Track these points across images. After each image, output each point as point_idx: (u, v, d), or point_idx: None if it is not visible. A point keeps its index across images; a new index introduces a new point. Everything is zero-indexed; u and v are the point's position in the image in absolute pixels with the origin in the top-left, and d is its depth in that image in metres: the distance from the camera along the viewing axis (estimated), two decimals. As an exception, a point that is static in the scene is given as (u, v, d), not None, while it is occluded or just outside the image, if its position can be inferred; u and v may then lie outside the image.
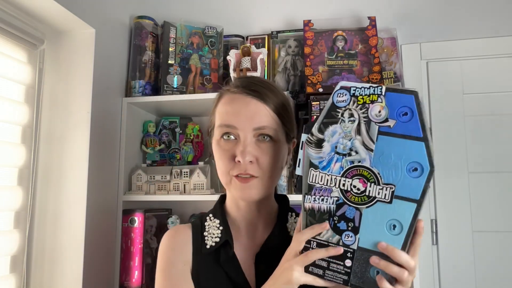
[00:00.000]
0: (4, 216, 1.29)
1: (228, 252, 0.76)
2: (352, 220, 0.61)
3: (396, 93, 0.61)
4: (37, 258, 1.38)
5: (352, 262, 0.61)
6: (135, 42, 1.72)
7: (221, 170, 0.75)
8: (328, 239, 0.63)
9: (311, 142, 0.65)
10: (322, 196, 0.63)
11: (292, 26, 1.81)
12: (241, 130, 0.72)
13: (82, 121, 1.42)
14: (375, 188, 0.60)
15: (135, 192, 1.61)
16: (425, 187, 0.58)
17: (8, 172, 1.32)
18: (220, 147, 0.75)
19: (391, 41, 1.68)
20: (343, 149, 0.63)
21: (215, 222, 0.80)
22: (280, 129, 0.76)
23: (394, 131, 0.60)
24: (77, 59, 1.46)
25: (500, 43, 1.66)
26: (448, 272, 1.59)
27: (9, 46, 1.32)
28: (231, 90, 0.77)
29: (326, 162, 0.64)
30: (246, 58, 1.61)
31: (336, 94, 0.64)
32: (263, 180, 0.73)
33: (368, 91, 0.62)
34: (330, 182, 0.63)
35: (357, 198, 0.61)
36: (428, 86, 1.70)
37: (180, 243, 0.79)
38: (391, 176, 0.59)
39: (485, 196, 1.61)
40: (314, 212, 0.64)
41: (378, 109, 0.61)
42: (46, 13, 1.34)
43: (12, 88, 1.33)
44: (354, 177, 0.62)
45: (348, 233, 0.61)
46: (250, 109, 0.73)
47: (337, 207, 0.62)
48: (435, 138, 1.67)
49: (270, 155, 0.73)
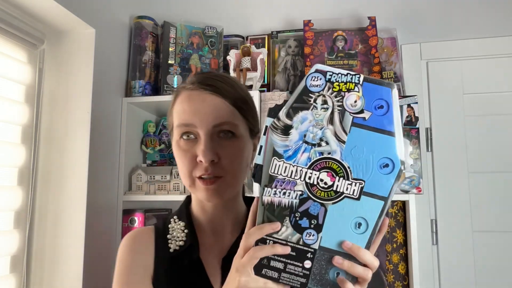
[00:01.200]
0: (4, 216, 1.29)
1: (194, 256, 0.72)
2: (315, 217, 0.56)
3: (374, 84, 0.57)
4: (37, 258, 1.37)
5: (312, 263, 0.56)
6: (135, 42, 1.72)
7: (182, 172, 0.70)
8: (287, 237, 0.56)
9: (276, 128, 0.58)
10: (284, 189, 0.57)
11: (292, 26, 1.81)
12: (201, 128, 0.68)
13: (82, 121, 1.42)
14: (344, 183, 0.56)
15: (135, 192, 1.61)
16: (394, 185, 0.55)
17: (8, 172, 1.32)
18: (180, 147, 0.70)
19: (391, 41, 1.68)
20: (312, 138, 0.57)
21: (180, 224, 0.75)
22: (242, 124, 0.72)
23: (369, 123, 0.56)
24: (77, 59, 1.46)
25: (500, 43, 1.66)
26: (448, 272, 1.59)
27: (9, 46, 1.32)
28: (187, 87, 0.72)
29: (292, 151, 0.57)
30: (246, 58, 1.61)
31: (310, 77, 0.58)
32: (227, 180, 0.69)
33: (345, 78, 0.57)
34: (294, 174, 0.57)
35: (323, 193, 0.56)
36: (428, 86, 1.71)
37: (140, 247, 0.74)
38: (362, 171, 0.56)
39: (485, 196, 1.61)
40: (273, 207, 0.57)
41: (354, 99, 0.57)
42: (46, 13, 1.34)
43: (12, 88, 1.33)
44: (321, 170, 0.56)
45: (310, 231, 0.56)
46: (208, 105, 0.69)
47: (300, 202, 0.56)
48: (435, 138, 1.67)
49: (234, 153, 0.69)
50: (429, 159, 1.66)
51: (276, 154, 0.57)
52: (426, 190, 1.63)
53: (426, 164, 1.64)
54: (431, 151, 1.66)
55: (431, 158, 1.66)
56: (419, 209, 1.59)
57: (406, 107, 1.47)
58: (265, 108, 1.59)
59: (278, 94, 1.60)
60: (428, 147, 1.66)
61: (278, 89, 1.69)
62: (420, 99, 1.64)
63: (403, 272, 1.45)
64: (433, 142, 1.67)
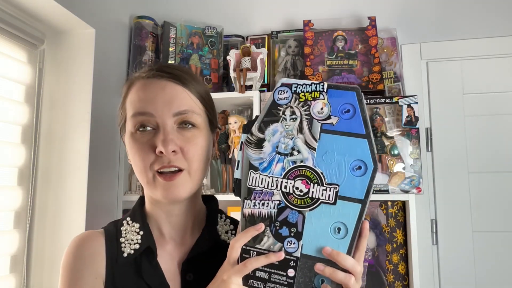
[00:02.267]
0: (4, 216, 1.29)
1: (151, 260, 0.66)
2: (294, 225, 0.57)
3: (338, 90, 0.59)
4: (37, 258, 1.37)
5: (295, 271, 0.56)
6: (135, 42, 1.72)
7: (139, 167, 0.64)
8: (269, 247, 0.57)
9: (250, 143, 0.60)
10: (263, 200, 0.58)
11: (292, 26, 1.81)
12: (159, 117, 0.63)
13: (82, 121, 1.42)
14: (319, 189, 0.57)
15: (135, 192, 1.61)
16: (369, 186, 0.56)
17: (8, 172, 1.32)
18: (136, 140, 0.64)
19: (391, 41, 1.68)
20: (284, 148, 0.59)
21: (134, 226, 0.69)
22: (203, 115, 0.68)
23: (337, 128, 0.58)
24: (77, 59, 1.46)
25: (500, 43, 1.66)
26: (448, 272, 1.59)
27: (9, 46, 1.32)
28: (142, 76, 0.67)
29: (267, 163, 0.59)
30: (246, 58, 1.61)
31: (277, 92, 0.61)
32: (190, 173, 0.64)
33: (310, 88, 0.60)
34: (271, 185, 0.59)
35: (299, 201, 0.57)
36: (428, 86, 1.70)
37: (90, 252, 0.66)
38: (335, 175, 0.57)
39: (485, 196, 1.61)
40: (253, 218, 0.58)
41: (320, 106, 0.59)
42: (46, 13, 1.34)
43: (12, 88, 1.33)
44: (296, 178, 0.58)
45: (291, 240, 0.57)
46: (168, 93, 0.64)
47: (279, 211, 0.58)
48: (435, 138, 1.67)
49: (195, 144, 0.65)
50: (429, 159, 1.66)
51: (252, 167, 0.60)
52: (426, 190, 1.63)
53: (426, 164, 1.64)
54: (431, 151, 1.66)
55: (431, 158, 1.66)
56: (419, 209, 1.59)
57: (406, 107, 1.47)
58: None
59: (278, 94, 1.60)
60: (428, 147, 1.66)
61: (278, 89, 1.68)
62: (420, 99, 1.64)
63: (403, 272, 1.45)
64: (433, 142, 1.67)
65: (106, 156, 1.53)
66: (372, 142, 0.57)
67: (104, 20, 1.55)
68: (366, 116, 0.57)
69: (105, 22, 1.55)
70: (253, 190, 0.59)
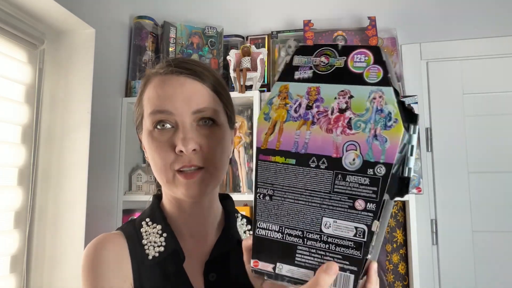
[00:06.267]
0: (4, 216, 1.29)
1: (177, 264, 0.64)
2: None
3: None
4: (37, 258, 1.37)
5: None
6: (135, 42, 1.72)
7: (158, 166, 0.62)
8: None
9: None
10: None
11: (292, 26, 1.81)
12: (179, 116, 0.61)
13: (82, 121, 1.42)
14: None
15: (135, 192, 1.61)
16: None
17: (8, 172, 1.32)
18: (155, 138, 0.62)
19: (391, 41, 1.68)
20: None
21: (156, 228, 0.66)
22: (222, 111, 0.65)
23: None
24: (77, 59, 1.46)
25: (500, 43, 1.66)
26: (448, 272, 1.59)
27: (9, 46, 1.32)
28: (159, 72, 0.64)
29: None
30: (246, 58, 1.61)
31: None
32: (210, 172, 0.62)
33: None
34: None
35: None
36: (428, 86, 1.70)
37: (114, 255, 0.63)
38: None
39: (485, 196, 1.61)
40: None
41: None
42: (46, 13, 1.34)
43: (12, 88, 1.33)
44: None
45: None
46: (186, 90, 0.62)
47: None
48: (435, 138, 1.67)
49: (215, 141, 0.63)
50: (429, 159, 1.66)
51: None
52: (426, 190, 1.63)
53: (426, 164, 1.64)
54: (431, 151, 1.66)
55: (431, 158, 1.66)
56: (419, 209, 1.59)
57: (406, 107, 1.47)
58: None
59: (278, 94, 1.60)
60: (428, 147, 1.66)
61: (278, 89, 1.68)
62: (420, 99, 1.64)
63: (403, 272, 1.45)
64: (433, 142, 1.67)
65: (106, 156, 1.53)
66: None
67: (104, 20, 1.55)
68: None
69: (105, 22, 1.55)
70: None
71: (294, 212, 0.47)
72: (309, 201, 0.46)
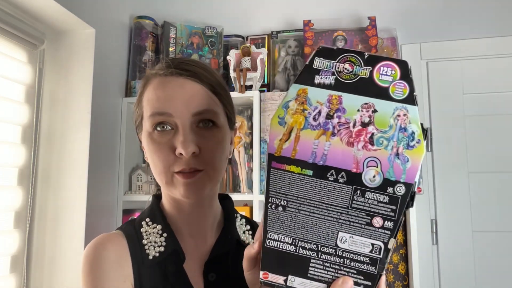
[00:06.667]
0: (4, 216, 1.29)
1: (177, 264, 0.64)
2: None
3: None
4: (37, 258, 1.37)
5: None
6: (135, 42, 1.72)
7: (158, 168, 0.62)
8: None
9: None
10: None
11: (292, 26, 1.82)
12: (178, 118, 0.61)
13: (82, 121, 1.42)
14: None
15: (135, 192, 1.61)
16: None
17: (8, 172, 1.32)
18: (154, 140, 0.62)
19: (391, 41, 1.68)
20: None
21: (156, 228, 0.66)
22: (222, 112, 0.65)
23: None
24: (77, 59, 1.46)
25: (500, 43, 1.66)
26: (448, 272, 1.59)
27: (9, 46, 1.32)
28: (159, 73, 0.64)
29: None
30: (246, 58, 1.61)
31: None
32: (209, 174, 0.62)
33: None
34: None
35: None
36: (428, 86, 1.70)
37: (115, 255, 0.63)
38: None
39: (485, 196, 1.61)
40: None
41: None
42: (46, 13, 1.34)
43: (12, 88, 1.33)
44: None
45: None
46: (186, 92, 0.62)
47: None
48: (435, 138, 1.67)
49: (215, 144, 0.63)
50: (429, 159, 1.66)
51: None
52: (426, 190, 1.63)
53: (426, 164, 1.64)
54: (431, 151, 1.66)
55: (431, 158, 1.66)
56: (419, 209, 1.59)
57: (406, 107, 1.47)
58: (265, 108, 1.59)
59: (278, 94, 1.60)
60: (428, 147, 1.66)
61: (278, 89, 1.69)
62: (420, 99, 1.64)
63: (403, 272, 1.45)
64: (433, 142, 1.67)
65: (106, 156, 1.53)
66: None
67: (104, 20, 1.55)
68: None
69: (105, 22, 1.55)
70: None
71: (309, 225, 0.46)
72: (325, 215, 0.45)
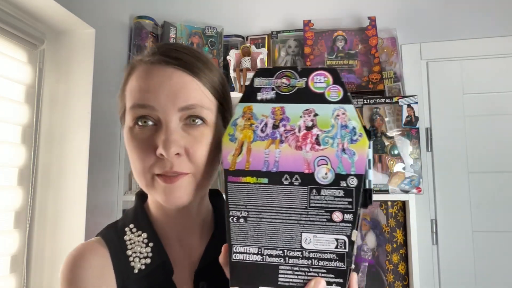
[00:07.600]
0: (4, 216, 1.29)
1: (166, 275, 0.58)
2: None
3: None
4: (37, 258, 1.38)
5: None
6: (135, 42, 1.72)
7: (137, 169, 0.54)
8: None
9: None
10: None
11: (292, 26, 1.81)
12: (162, 112, 0.53)
13: (82, 121, 1.42)
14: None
15: (135, 192, 1.60)
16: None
17: (8, 172, 1.32)
18: (135, 136, 0.54)
19: (391, 41, 1.68)
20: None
21: (141, 236, 0.59)
22: (215, 110, 0.57)
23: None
24: (77, 59, 1.46)
25: (500, 43, 1.66)
26: (448, 272, 1.59)
27: (9, 46, 1.32)
28: (145, 60, 0.56)
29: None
30: (246, 58, 1.61)
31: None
32: (196, 178, 0.54)
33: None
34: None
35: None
36: (428, 86, 1.70)
37: (96, 266, 0.56)
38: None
39: (485, 196, 1.61)
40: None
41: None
42: (46, 13, 1.34)
43: (12, 88, 1.33)
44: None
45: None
46: (173, 83, 0.53)
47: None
48: (435, 138, 1.67)
49: (204, 144, 0.54)
50: (429, 159, 1.66)
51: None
52: (426, 190, 1.63)
53: (426, 164, 1.64)
54: (431, 151, 1.66)
55: (431, 158, 1.66)
56: (419, 209, 1.59)
57: (406, 107, 1.47)
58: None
59: (278, 94, 1.60)
60: (428, 147, 1.66)
61: (278, 89, 1.68)
62: (420, 99, 1.64)
63: (403, 272, 1.45)
64: (433, 142, 1.67)
65: (106, 156, 1.53)
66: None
67: (104, 20, 1.55)
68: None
69: (105, 22, 1.55)
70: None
71: (272, 232, 0.47)
72: (286, 218, 0.47)
